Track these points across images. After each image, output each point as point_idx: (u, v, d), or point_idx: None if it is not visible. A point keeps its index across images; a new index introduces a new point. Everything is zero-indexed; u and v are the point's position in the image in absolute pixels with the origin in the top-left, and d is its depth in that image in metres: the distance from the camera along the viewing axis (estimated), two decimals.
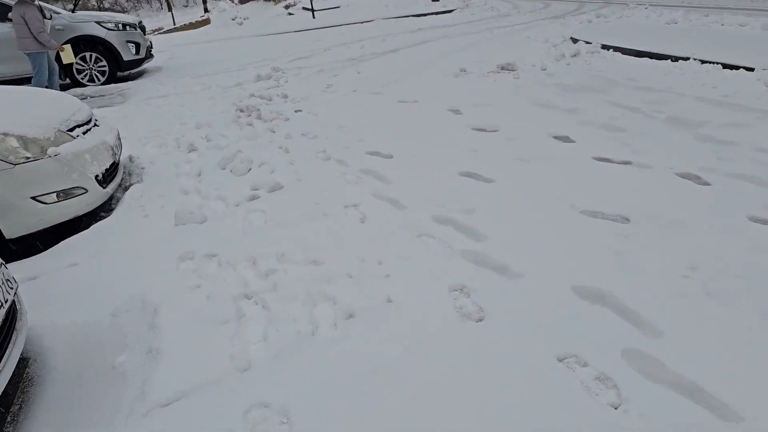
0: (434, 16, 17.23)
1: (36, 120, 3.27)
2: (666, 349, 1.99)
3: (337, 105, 6.37)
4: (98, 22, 9.06)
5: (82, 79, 9.31)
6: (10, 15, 7.59)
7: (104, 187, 3.53)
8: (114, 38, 9.25)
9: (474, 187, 3.69)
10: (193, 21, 22.30)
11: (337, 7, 21.72)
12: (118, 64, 9.45)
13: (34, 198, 3.11)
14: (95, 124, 3.78)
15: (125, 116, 6.73)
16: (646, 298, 2.30)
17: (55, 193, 3.20)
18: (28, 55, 7.64)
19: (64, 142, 3.30)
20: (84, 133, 3.53)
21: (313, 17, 19.36)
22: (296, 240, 3.04)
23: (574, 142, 4.47)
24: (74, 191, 3.29)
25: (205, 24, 22.53)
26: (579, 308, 2.29)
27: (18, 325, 1.94)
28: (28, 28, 7.32)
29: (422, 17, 17.09)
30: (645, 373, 1.90)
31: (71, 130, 3.44)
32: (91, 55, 9.22)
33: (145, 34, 10.29)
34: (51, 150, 3.17)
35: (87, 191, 3.36)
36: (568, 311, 2.27)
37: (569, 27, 11.22)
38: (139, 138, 5.53)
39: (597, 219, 3.10)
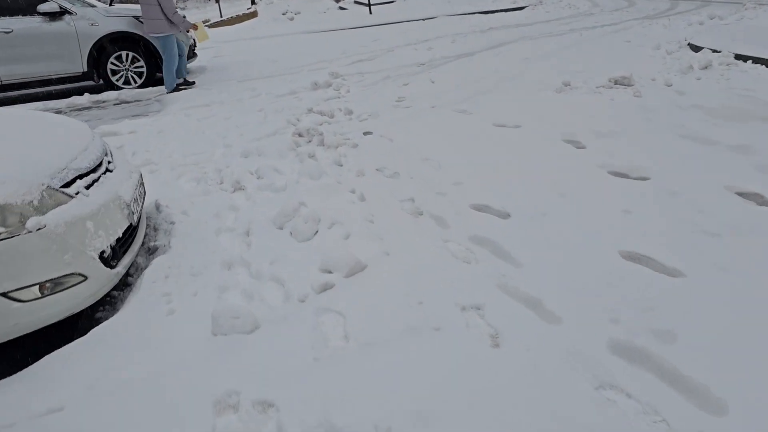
0: (504, 13, 15.93)
1: (16, 170, 2.27)
2: None
3: (415, 126, 5.25)
4: (136, 17, 8.19)
5: (117, 81, 8.48)
6: None
7: (113, 266, 2.50)
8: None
9: (653, 281, 2.51)
10: (240, 14, 21.57)
11: (393, 1, 20.62)
12: (157, 65, 8.57)
13: (4, 294, 2.10)
14: (107, 170, 2.75)
15: (160, 131, 5.78)
16: None
17: (37, 286, 2.20)
18: (156, 38, 7.67)
19: (55, 206, 2.28)
20: (88, 186, 2.51)
21: (370, 12, 18.32)
22: (403, 386, 1.93)
23: None
24: (67, 280, 2.28)
25: (252, 17, 21.80)
26: None
27: None
28: (161, 8, 7.32)
29: (491, 14, 15.81)
30: None
31: (69, 184, 2.42)
32: (127, 55, 8.38)
33: (188, 32, 9.40)
34: (32, 221, 2.16)
35: (86, 278, 2.33)
36: None
37: (676, 30, 9.79)
38: (173, 167, 4.54)
39: None
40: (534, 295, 2.48)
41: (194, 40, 9.61)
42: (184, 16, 8.18)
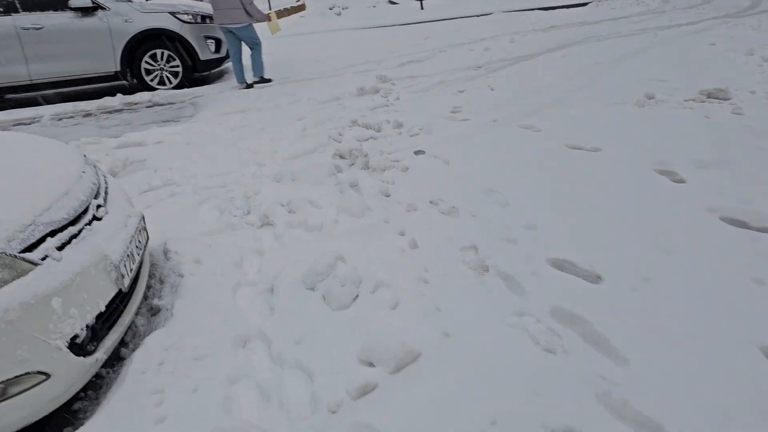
0: (565, 9, 14.96)
1: None
2: None
3: (475, 145, 4.58)
4: (172, 13, 7.75)
5: (151, 81, 8.06)
6: None
7: (90, 353, 1.92)
8: (190, 33, 7.94)
9: None
10: (288, 7, 21.20)
11: None
12: (193, 65, 8.14)
13: None
14: (95, 217, 2.18)
15: (188, 142, 5.28)
16: None
17: None
18: (237, 30, 7.46)
19: (10, 280, 1.72)
20: (62, 245, 1.93)
21: (421, 8, 17.60)
22: None
23: None
24: (21, 382, 1.71)
25: (300, 10, 21.42)
26: None
27: None
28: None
29: (551, 11, 14.87)
30: None
31: (35, 245, 1.85)
32: (162, 53, 7.95)
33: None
34: None
35: (49, 376, 1.76)
36: None
37: (767, 31, 8.74)
38: (196, 189, 4.00)
39: None
40: (652, 418, 1.80)
41: None
42: None
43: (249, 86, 7.87)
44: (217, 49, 8.34)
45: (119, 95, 7.77)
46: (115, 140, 5.48)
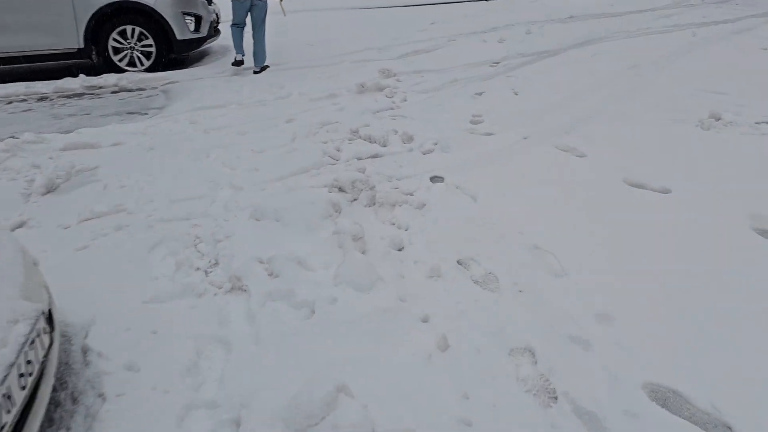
0: None
1: None
2: None
3: (505, 173, 3.74)
4: None
5: (120, 61, 7.08)
6: None
7: None
8: (166, 8, 6.95)
9: None
10: None
11: None
12: (168, 44, 7.15)
13: None
14: None
15: (152, 147, 4.38)
16: None
17: None
18: (263, 3, 6.87)
19: None
20: None
21: None
22: None
23: None
24: None
25: None
26: None
27: None
28: None
29: None
30: None
31: None
32: (133, 30, 6.96)
33: (211, 3, 7.96)
34: None
35: None
36: None
37: None
38: (150, 221, 3.14)
39: None
40: None
41: (217, 15, 8.16)
42: None
43: (255, 72, 6.98)
44: (197, 28, 7.35)
45: (82, 76, 6.79)
46: (63, 138, 4.56)
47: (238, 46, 7.09)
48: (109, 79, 6.82)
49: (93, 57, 7.05)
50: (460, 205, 3.32)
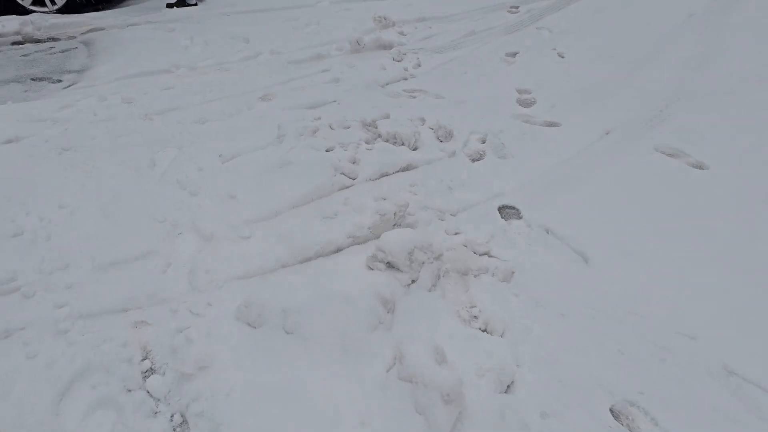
0: None
1: None
2: None
3: (609, 203, 2.57)
4: None
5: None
6: None
7: None
8: None
9: None
10: None
11: None
12: None
13: None
14: None
15: (66, 147, 2.98)
16: None
17: None
18: None
19: None
20: None
21: None
22: None
23: None
24: None
25: None
26: None
27: None
28: None
29: None
30: None
31: None
32: None
33: None
34: None
35: None
36: None
37: None
38: (59, 319, 1.83)
39: None
40: None
41: None
42: None
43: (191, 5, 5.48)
44: None
45: None
46: None
47: None
48: (9, 23, 5.16)
49: None
50: (567, 273, 2.15)
